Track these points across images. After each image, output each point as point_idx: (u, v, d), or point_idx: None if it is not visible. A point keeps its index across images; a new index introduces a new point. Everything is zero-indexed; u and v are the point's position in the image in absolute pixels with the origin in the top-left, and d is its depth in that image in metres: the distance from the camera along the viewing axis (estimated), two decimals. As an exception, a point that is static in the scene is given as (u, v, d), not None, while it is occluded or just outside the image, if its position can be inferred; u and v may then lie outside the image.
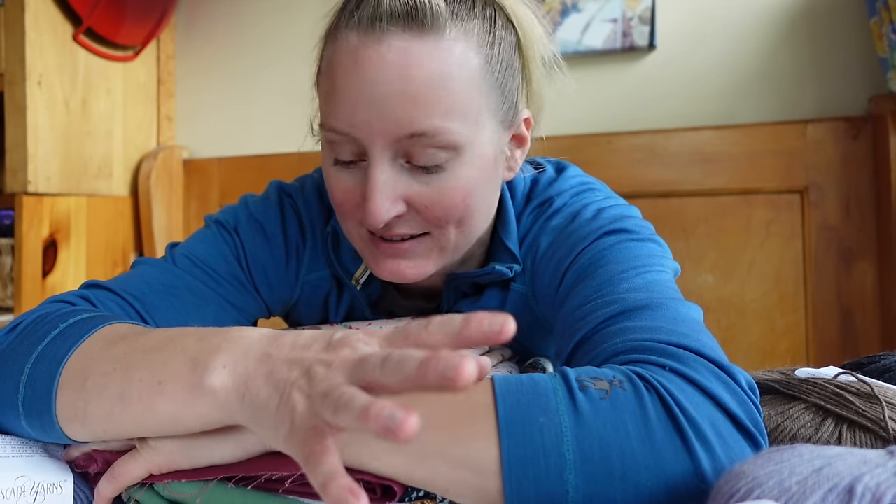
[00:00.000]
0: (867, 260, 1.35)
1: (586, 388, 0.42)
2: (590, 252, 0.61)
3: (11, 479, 0.42)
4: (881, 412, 0.44)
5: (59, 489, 0.44)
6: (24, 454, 0.45)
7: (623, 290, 0.54)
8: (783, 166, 1.40)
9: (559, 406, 0.41)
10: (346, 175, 0.62)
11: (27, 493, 0.42)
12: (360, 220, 0.62)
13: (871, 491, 0.29)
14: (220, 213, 0.75)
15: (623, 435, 0.40)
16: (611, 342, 0.49)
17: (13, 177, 1.50)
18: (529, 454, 0.39)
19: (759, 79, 1.47)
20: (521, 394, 0.42)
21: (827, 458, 0.32)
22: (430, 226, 0.61)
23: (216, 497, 0.42)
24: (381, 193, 0.58)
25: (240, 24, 1.86)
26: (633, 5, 1.52)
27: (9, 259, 1.53)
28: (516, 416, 0.40)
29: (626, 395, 0.42)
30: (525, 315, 0.69)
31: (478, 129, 0.60)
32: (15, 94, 1.49)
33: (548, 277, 0.65)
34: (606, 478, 0.39)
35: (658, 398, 0.42)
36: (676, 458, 0.40)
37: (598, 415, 0.41)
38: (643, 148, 1.48)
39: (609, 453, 0.40)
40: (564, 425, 0.40)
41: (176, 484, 0.43)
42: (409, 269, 0.63)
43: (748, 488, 0.30)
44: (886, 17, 1.26)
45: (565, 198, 0.69)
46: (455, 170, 0.59)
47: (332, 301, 0.77)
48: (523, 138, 0.68)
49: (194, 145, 1.91)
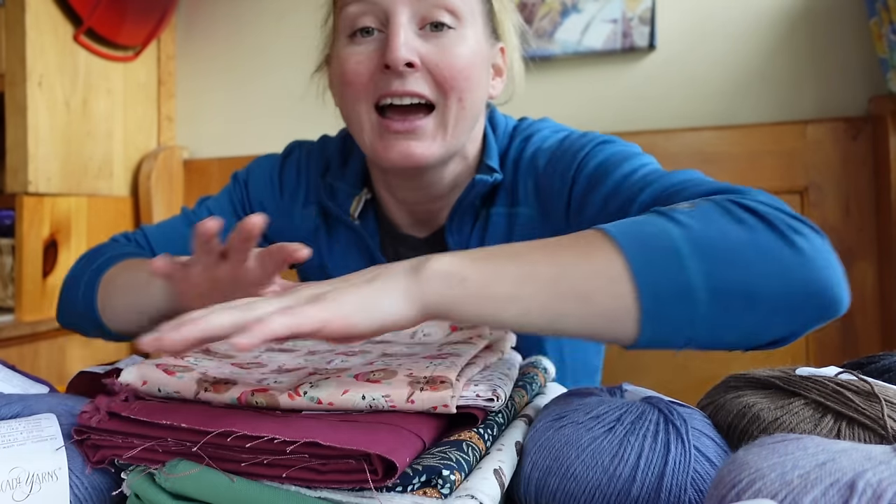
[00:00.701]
0: (867, 260, 1.36)
1: (673, 209, 0.50)
2: (596, 155, 0.71)
3: (6, 470, 0.42)
4: (880, 410, 0.44)
5: (54, 477, 0.43)
6: (15, 443, 0.44)
7: (649, 173, 0.65)
8: (783, 166, 1.41)
9: (659, 221, 0.48)
10: (361, 49, 0.71)
11: (22, 483, 0.42)
12: (371, 93, 0.70)
13: (872, 487, 0.29)
14: (237, 171, 0.92)
15: (717, 227, 0.47)
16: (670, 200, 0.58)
17: (13, 177, 1.50)
18: (650, 257, 0.46)
19: (758, 79, 1.47)
20: (623, 224, 0.49)
21: (831, 452, 0.32)
22: (437, 91, 0.70)
23: (212, 485, 0.42)
24: (402, 37, 0.68)
25: (240, 25, 1.87)
26: (633, 6, 1.52)
27: (9, 259, 1.53)
28: (628, 236, 0.47)
29: (708, 205, 0.50)
30: (531, 237, 0.74)
31: (474, 18, 0.73)
32: (15, 95, 1.49)
33: (556, 185, 0.73)
34: (718, 257, 0.45)
35: (735, 204, 0.49)
36: (774, 238, 0.47)
37: (692, 218, 0.48)
38: (643, 148, 1.48)
39: (712, 238, 0.46)
40: (670, 231, 0.47)
41: (178, 464, 0.43)
42: (418, 149, 0.70)
43: (750, 479, 0.30)
44: (886, 17, 1.26)
45: (549, 131, 0.80)
46: (458, 38, 0.71)
47: (323, 239, 0.86)
48: (500, 69, 0.80)
49: (194, 145, 1.91)
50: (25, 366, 1.45)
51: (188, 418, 0.45)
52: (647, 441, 0.44)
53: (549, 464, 0.45)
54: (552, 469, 0.44)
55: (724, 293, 0.45)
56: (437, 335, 0.68)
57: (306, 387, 0.48)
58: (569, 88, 1.59)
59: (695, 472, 0.42)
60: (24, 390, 0.57)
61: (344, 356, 0.58)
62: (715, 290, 0.45)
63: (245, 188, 0.89)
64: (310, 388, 0.48)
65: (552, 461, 0.45)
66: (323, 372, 0.53)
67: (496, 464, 0.44)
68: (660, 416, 0.46)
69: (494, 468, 0.44)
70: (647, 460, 0.43)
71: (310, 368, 0.55)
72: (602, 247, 0.47)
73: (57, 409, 0.49)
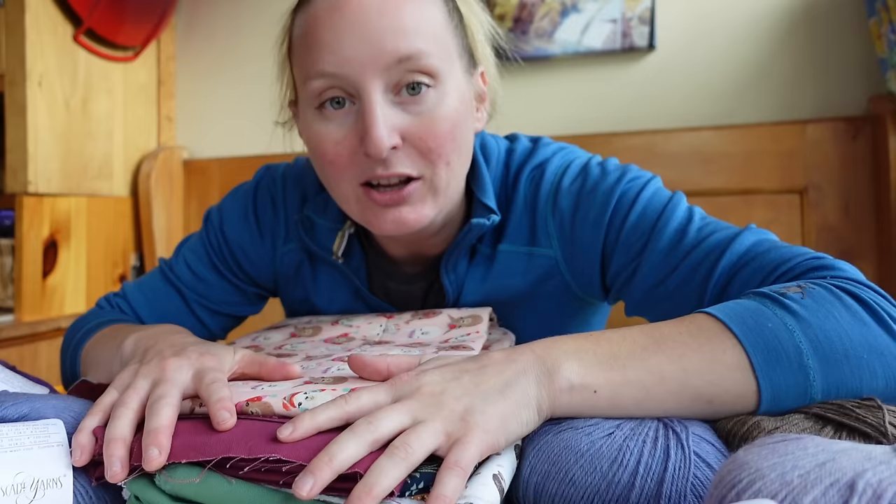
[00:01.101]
0: (867, 260, 1.36)
1: (785, 294, 0.51)
2: (630, 202, 0.69)
3: (11, 475, 0.42)
4: (882, 417, 0.44)
5: (58, 484, 0.43)
6: (22, 447, 0.44)
7: (702, 227, 0.65)
8: (783, 166, 1.41)
9: (775, 311, 0.49)
10: (336, 127, 0.65)
11: (27, 489, 0.42)
12: (354, 173, 0.65)
13: (872, 487, 0.29)
14: (210, 210, 0.86)
15: (835, 321, 0.49)
16: (752, 279, 0.59)
17: (13, 177, 1.50)
18: (772, 353, 0.48)
19: (758, 79, 1.47)
20: (740, 312, 0.50)
21: (831, 452, 0.32)
22: (424, 162, 0.65)
23: (211, 488, 0.42)
24: (381, 121, 0.62)
25: (240, 25, 1.87)
26: (632, 5, 1.52)
27: (9, 259, 1.53)
28: (747, 327, 0.48)
29: (820, 292, 0.51)
30: (551, 278, 0.74)
31: (451, 64, 0.66)
32: (15, 95, 1.49)
33: (587, 233, 0.71)
34: (835, 358, 0.48)
35: (845, 292, 0.51)
36: (881, 333, 0.49)
37: (808, 310, 0.49)
38: (643, 148, 1.49)
39: (830, 336, 0.48)
40: (789, 324, 0.48)
41: (180, 469, 0.43)
42: (411, 215, 0.66)
43: (750, 479, 0.30)
44: (886, 17, 1.26)
45: (558, 160, 0.75)
46: (439, 100, 0.65)
47: (307, 274, 0.82)
48: (483, 94, 0.74)
49: (194, 146, 1.91)
50: (25, 366, 1.45)
51: (185, 438, 0.45)
52: (646, 446, 0.43)
53: (547, 468, 0.45)
54: (551, 473, 0.44)
55: (835, 389, 0.48)
56: (435, 333, 0.67)
57: (301, 397, 0.48)
58: (568, 88, 1.59)
59: (695, 477, 0.42)
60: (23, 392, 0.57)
61: (341, 362, 0.58)
62: (828, 387, 0.48)
63: (222, 234, 0.83)
64: (305, 400, 0.48)
65: (551, 465, 0.45)
66: (319, 380, 0.53)
67: (495, 469, 0.44)
68: (660, 421, 0.46)
69: (494, 473, 0.44)
70: (646, 466, 0.42)
71: (306, 377, 0.55)
72: (726, 348, 0.48)
73: (64, 415, 0.49)
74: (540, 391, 0.47)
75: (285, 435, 0.43)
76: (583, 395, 0.47)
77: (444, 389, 0.46)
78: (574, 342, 0.50)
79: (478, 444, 0.42)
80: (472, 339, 0.63)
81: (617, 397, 0.48)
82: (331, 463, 0.40)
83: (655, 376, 0.48)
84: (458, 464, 0.41)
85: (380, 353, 0.59)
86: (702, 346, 0.48)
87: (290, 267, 0.83)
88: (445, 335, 0.66)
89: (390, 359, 0.52)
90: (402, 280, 0.79)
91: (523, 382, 0.47)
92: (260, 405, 0.48)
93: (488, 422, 0.44)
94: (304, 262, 0.82)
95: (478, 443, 0.42)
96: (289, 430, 0.43)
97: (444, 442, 0.43)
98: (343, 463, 0.40)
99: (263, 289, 0.86)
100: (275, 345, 0.72)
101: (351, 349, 0.64)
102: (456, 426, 0.43)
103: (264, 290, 0.87)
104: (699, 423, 0.47)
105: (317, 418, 0.44)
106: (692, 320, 0.51)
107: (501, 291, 0.75)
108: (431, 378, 0.47)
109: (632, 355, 0.49)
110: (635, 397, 0.48)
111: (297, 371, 0.56)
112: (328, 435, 0.43)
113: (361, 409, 0.45)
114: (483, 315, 0.69)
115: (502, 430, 0.44)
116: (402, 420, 0.44)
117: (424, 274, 0.79)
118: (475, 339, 0.63)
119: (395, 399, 0.46)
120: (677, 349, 0.49)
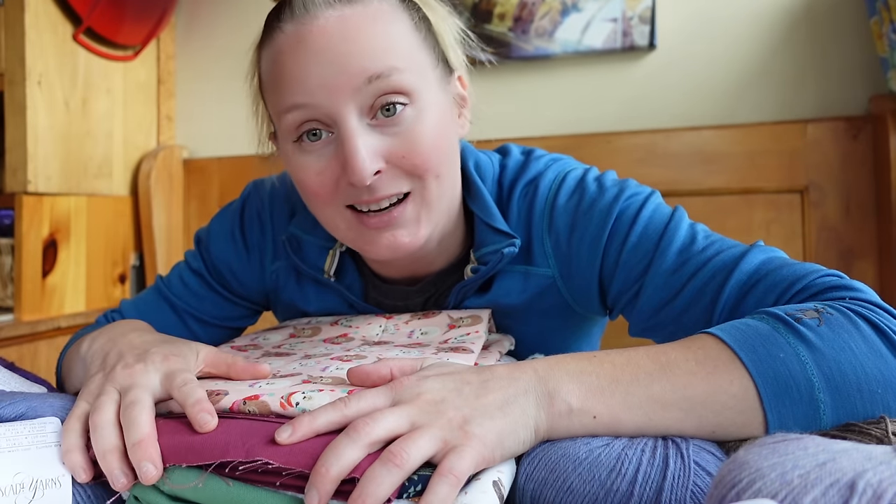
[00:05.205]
0: (867, 260, 1.35)
1: (800, 319, 0.49)
2: (629, 221, 0.66)
3: (10, 475, 0.42)
4: (885, 427, 0.44)
5: (57, 484, 0.43)
6: (20, 447, 0.44)
7: (708, 245, 0.63)
8: (783, 166, 1.40)
9: (788, 339, 0.47)
10: (316, 158, 0.64)
11: (26, 489, 0.42)
12: (340, 199, 0.64)
13: (872, 487, 0.29)
14: (199, 231, 0.86)
15: (850, 353, 0.47)
16: (766, 298, 0.57)
17: (13, 176, 1.50)
18: (782, 385, 0.46)
19: (759, 79, 1.47)
20: (751, 338, 0.48)
21: (832, 452, 0.31)
22: (411, 179, 0.64)
23: (210, 490, 0.42)
24: (361, 149, 0.60)
25: (240, 24, 1.86)
26: (633, 5, 1.52)
27: (9, 259, 1.53)
28: (758, 357, 0.47)
29: (838, 319, 0.49)
30: (549, 297, 0.72)
31: (424, 78, 0.64)
32: (15, 94, 1.49)
33: (584, 253, 0.68)
34: (848, 392, 0.46)
35: (863, 319, 0.49)
36: (893, 362, 0.47)
37: (823, 340, 0.47)
38: (643, 148, 1.48)
39: (845, 370, 0.46)
40: (802, 354, 0.47)
41: (178, 472, 0.43)
42: (405, 238, 0.65)
43: (750, 479, 0.30)
44: (886, 16, 1.26)
45: (552, 174, 0.72)
46: (416, 117, 0.63)
47: (298, 290, 0.80)
48: (464, 97, 0.73)
49: (194, 145, 1.91)
50: (25, 365, 1.45)
51: (176, 438, 0.45)
52: (645, 455, 0.43)
53: (544, 476, 0.44)
54: (548, 481, 0.44)
55: (846, 419, 0.47)
56: (434, 333, 0.67)
57: (298, 397, 0.48)
58: (569, 88, 1.59)
59: (695, 486, 0.41)
60: (20, 391, 0.57)
61: (339, 362, 0.58)
62: (839, 420, 0.47)
63: (209, 254, 0.83)
64: (302, 400, 0.48)
65: (548, 473, 0.44)
66: (317, 380, 0.53)
67: (495, 475, 0.44)
68: (660, 432, 0.46)
69: (493, 479, 0.43)
70: (645, 474, 0.42)
71: (304, 376, 0.55)
72: (734, 378, 0.47)
73: (61, 414, 0.49)
74: (539, 413, 0.47)
75: (283, 437, 0.43)
76: (582, 420, 0.47)
77: (444, 398, 0.45)
78: (577, 363, 0.49)
79: (474, 454, 0.42)
80: (472, 340, 0.63)
81: (616, 423, 0.47)
82: (329, 474, 0.40)
83: (657, 404, 0.47)
84: (452, 471, 0.41)
85: (377, 357, 0.58)
86: (709, 375, 0.47)
87: (280, 284, 0.82)
88: (445, 335, 0.66)
89: (392, 361, 0.52)
90: (397, 296, 0.78)
91: (523, 402, 0.46)
92: (257, 404, 0.48)
93: (486, 435, 0.44)
94: (294, 279, 0.81)
95: (474, 454, 0.42)
96: (287, 432, 0.43)
97: (440, 449, 0.43)
98: (342, 470, 0.41)
99: (256, 303, 0.86)
100: (273, 344, 0.71)
101: (350, 349, 0.64)
102: (454, 434, 0.43)
103: (257, 304, 0.87)
104: None
105: (315, 421, 0.44)
106: (701, 345, 0.49)
107: (500, 307, 0.73)
108: (433, 385, 0.47)
109: (635, 380, 0.48)
110: (636, 423, 0.47)
111: (267, 370, 0.56)
112: (326, 438, 0.43)
113: (360, 413, 0.45)
114: (483, 315, 0.69)
115: (499, 446, 0.44)
116: (400, 424, 0.43)
117: (420, 290, 0.77)
118: (475, 340, 0.63)
119: (394, 403, 0.46)
120: (682, 377, 0.47)
